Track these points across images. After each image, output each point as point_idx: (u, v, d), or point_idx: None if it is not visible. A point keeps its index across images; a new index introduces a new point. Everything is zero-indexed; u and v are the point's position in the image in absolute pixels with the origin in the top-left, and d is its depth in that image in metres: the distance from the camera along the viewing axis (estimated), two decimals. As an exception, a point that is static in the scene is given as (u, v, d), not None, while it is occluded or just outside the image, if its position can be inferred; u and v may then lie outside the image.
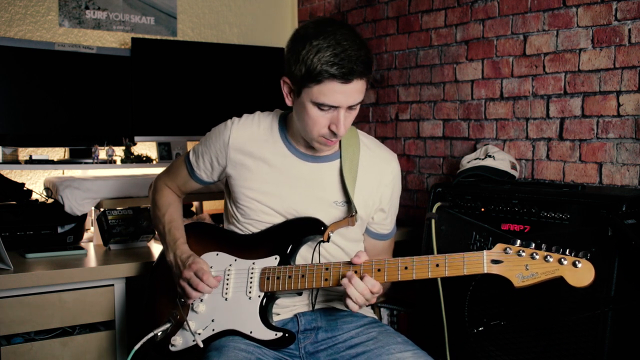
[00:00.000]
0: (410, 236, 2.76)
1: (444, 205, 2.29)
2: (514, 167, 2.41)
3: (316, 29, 1.58)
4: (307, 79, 1.56)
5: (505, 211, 2.12)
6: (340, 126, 1.60)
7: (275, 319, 1.75)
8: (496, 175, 2.33)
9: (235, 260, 1.74)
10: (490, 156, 2.39)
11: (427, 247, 2.31)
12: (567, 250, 1.41)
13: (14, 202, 2.53)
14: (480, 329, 2.10)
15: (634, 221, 1.85)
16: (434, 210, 2.30)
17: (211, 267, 1.75)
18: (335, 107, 1.58)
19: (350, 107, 1.60)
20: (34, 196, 2.65)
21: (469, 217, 2.21)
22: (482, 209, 2.19)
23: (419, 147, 2.95)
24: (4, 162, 2.68)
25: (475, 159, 2.43)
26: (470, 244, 2.17)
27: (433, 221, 2.29)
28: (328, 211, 1.75)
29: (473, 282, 2.12)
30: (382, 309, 2.70)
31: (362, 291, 1.53)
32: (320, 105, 1.58)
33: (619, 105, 2.20)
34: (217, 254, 1.77)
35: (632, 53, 2.15)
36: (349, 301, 1.54)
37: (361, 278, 1.54)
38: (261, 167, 1.76)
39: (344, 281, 1.55)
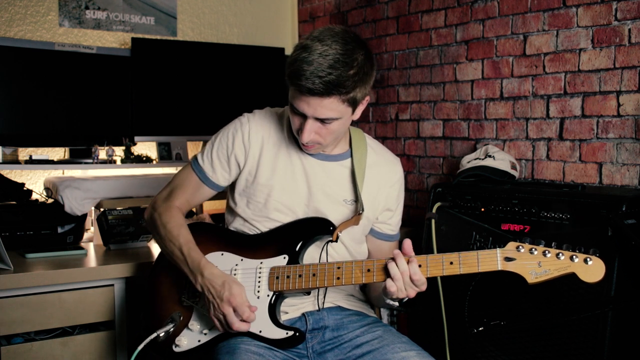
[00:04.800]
0: (410, 236, 2.74)
1: (444, 205, 2.29)
2: (514, 167, 2.41)
3: (319, 34, 1.58)
4: (287, 77, 1.59)
5: (505, 211, 2.12)
6: (303, 133, 1.61)
7: (284, 317, 1.74)
8: (496, 175, 2.33)
9: (242, 260, 1.73)
10: (490, 156, 2.39)
11: (427, 247, 2.31)
12: (577, 248, 1.44)
13: (14, 202, 2.53)
14: (480, 329, 2.10)
15: (634, 221, 1.85)
16: (434, 210, 2.30)
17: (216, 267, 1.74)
18: (304, 115, 1.59)
19: (322, 121, 1.59)
20: (34, 196, 2.65)
21: (469, 217, 2.21)
22: (482, 209, 2.19)
23: (419, 147, 2.95)
24: (4, 162, 2.68)
25: (475, 159, 2.43)
26: (470, 244, 2.17)
27: (433, 221, 2.29)
28: (337, 209, 1.76)
29: (473, 282, 2.12)
30: (382, 309, 2.69)
31: (403, 271, 1.52)
32: (292, 107, 1.61)
33: (619, 105, 2.20)
34: (222, 254, 1.76)
35: (632, 53, 2.15)
36: (388, 281, 1.53)
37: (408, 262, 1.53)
38: (276, 163, 1.76)
39: (388, 260, 1.55)
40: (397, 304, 1.65)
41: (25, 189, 2.58)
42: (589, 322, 1.86)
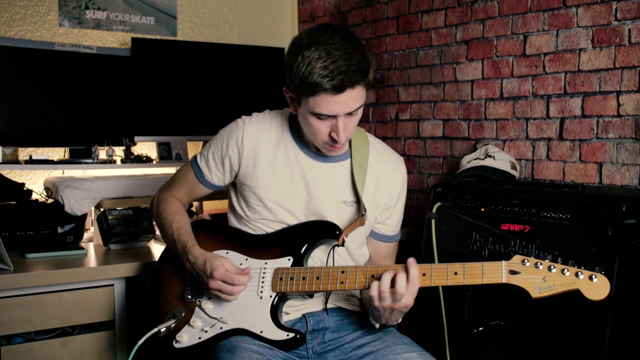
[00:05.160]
0: (410, 236, 2.76)
1: (444, 205, 2.29)
2: (514, 167, 2.41)
3: (309, 38, 1.58)
4: (301, 91, 1.58)
5: (505, 211, 2.12)
6: (340, 134, 1.60)
7: (285, 318, 1.75)
8: (496, 175, 2.33)
9: (247, 259, 1.74)
10: (490, 156, 2.39)
11: (427, 247, 2.31)
12: (583, 265, 1.44)
13: (14, 202, 2.53)
14: (480, 329, 2.10)
15: (634, 221, 1.85)
16: (434, 210, 2.30)
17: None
18: (334, 116, 1.59)
19: (350, 113, 1.60)
20: (34, 196, 2.65)
21: (469, 217, 2.21)
22: (482, 209, 2.18)
23: (419, 147, 2.95)
24: (4, 162, 2.68)
25: (475, 159, 2.43)
26: (470, 244, 2.17)
27: (433, 221, 2.29)
28: (338, 211, 1.75)
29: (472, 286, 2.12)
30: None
31: (399, 287, 1.50)
32: (318, 115, 1.59)
33: (619, 105, 2.20)
34: (227, 253, 1.76)
35: (632, 53, 2.15)
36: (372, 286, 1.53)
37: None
38: (274, 166, 1.76)
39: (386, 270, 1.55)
40: (377, 325, 1.65)
41: (25, 189, 2.58)
42: (589, 322, 1.86)
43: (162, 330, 1.68)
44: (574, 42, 2.31)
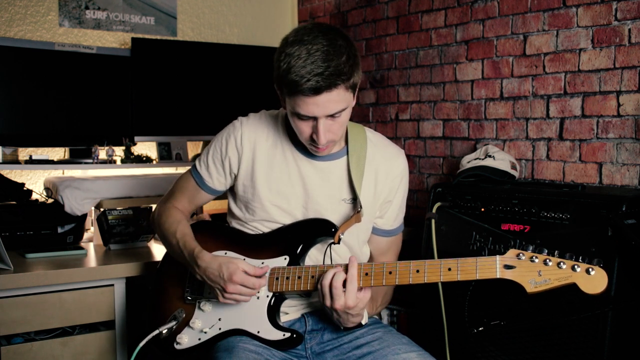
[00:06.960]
0: (410, 236, 2.76)
1: (444, 205, 2.29)
2: (514, 167, 2.41)
3: (294, 37, 1.56)
4: (282, 90, 1.57)
5: (505, 211, 2.12)
6: (320, 136, 1.58)
7: (283, 318, 1.75)
8: (496, 175, 2.33)
9: (244, 259, 1.74)
10: (490, 156, 2.39)
11: (427, 247, 2.31)
12: (580, 258, 1.41)
13: (14, 202, 2.53)
14: (480, 329, 2.10)
15: (634, 221, 1.85)
16: (434, 210, 2.30)
17: None
18: (314, 117, 1.57)
19: (332, 116, 1.57)
20: (34, 196, 2.65)
21: (469, 217, 2.21)
22: (482, 209, 2.18)
23: (419, 147, 2.95)
24: (4, 162, 2.68)
25: (475, 159, 2.43)
26: (470, 244, 2.17)
27: (433, 221, 2.29)
28: (337, 209, 1.75)
29: (473, 282, 2.12)
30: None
31: (335, 280, 1.55)
32: (298, 115, 1.58)
33: (619, 105, 2.20)
34: (225, 253, 1.76)
35: (632, 53, 2.15)
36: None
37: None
38: (272, 167, 1.75)
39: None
40: (342, 327, 1.66)
41: (25, 189, 2.58)
42: (589, 322, 1.86)
43: (163, 332, 1.69)
44: (574, 42, 2.31)
